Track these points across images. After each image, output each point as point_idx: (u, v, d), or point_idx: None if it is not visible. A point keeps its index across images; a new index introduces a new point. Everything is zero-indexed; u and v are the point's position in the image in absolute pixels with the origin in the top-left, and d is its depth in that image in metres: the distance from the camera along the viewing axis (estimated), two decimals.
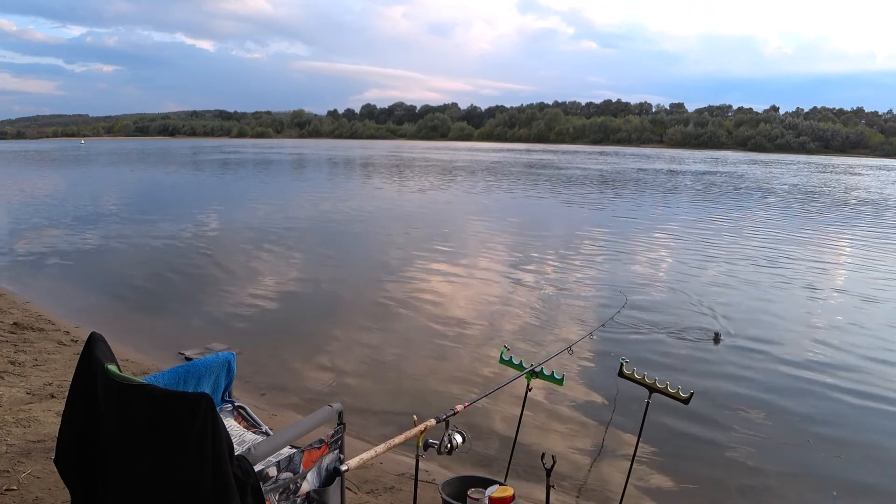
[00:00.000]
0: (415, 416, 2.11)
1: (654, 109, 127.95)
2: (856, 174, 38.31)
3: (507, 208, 15.93)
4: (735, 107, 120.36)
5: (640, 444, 2.84)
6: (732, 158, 61.06)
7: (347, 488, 2.60)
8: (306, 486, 1.77)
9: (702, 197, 20.02)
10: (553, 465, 2.16)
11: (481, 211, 15.13)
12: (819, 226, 13.77)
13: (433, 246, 10.08)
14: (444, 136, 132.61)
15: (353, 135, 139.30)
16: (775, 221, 14.03)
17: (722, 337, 5.54)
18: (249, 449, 1.57)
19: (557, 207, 16.32)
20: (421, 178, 26.05)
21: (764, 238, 11.38)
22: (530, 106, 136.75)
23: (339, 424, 1.92)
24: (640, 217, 14.50)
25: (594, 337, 4.62)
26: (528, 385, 2.84)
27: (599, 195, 19.84)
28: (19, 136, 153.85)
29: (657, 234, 11.72)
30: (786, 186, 25.32)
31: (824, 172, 38.58)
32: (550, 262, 8.90)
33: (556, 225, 12.95)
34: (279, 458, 1.70)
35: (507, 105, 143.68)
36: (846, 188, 25.53)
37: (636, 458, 2.85)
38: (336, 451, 1.89)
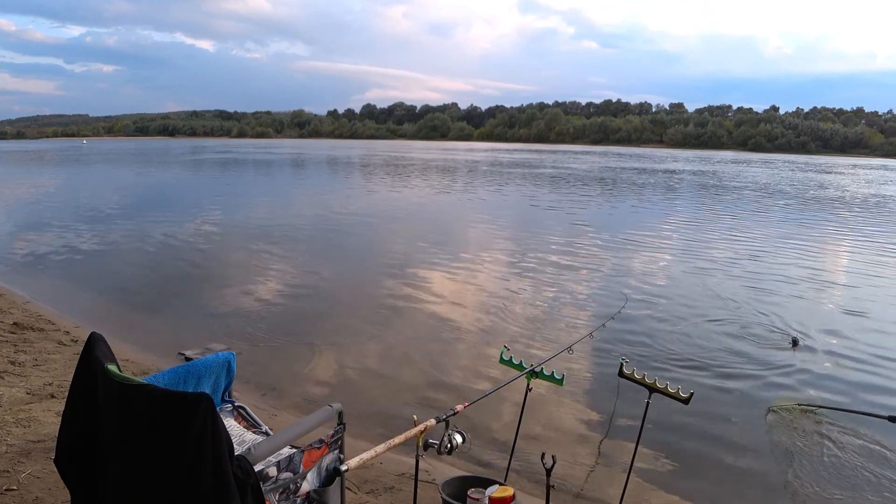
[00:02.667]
0: (415, 416, 2.11)
1: (654, 109, 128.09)
2: (832, 172, 38.85)
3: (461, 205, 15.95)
4: (735, 107, 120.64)
5: (640, 444, 2.84)
6: (718, 158, 61.63)
7: (347, 488, 2.60)
8: (306, 486, 1.78)
9: (678, 195, 20.06)
10: (553, 465, 2.16)
11: (470, 209, 15.14)
12: (774, 221, 14.02)
13: (431, 246, 10.08)
14: (444, 136, 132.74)
15: (353, 135, 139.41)
16: (739, 218, 14.12)
17: (799, 342, 5.44)
18: (249, 449, 1.57)
19: (531, 205, 16.33)
20: (412, 178, 26.08)
21: (738, 237, 11.41)
22: (530, 106, 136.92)
23: (339, 424, 1.92)
24: (626, 216, 14.52)
25: (594, 337, 4.61)
26: (528, 385, 2.84)
27: (559, 193, 19.85)
28: (19, 136, 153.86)
29: (650, 234, 11.72)
30: (753, 184, 25.90)
31: (804, 171, 39.01)
32: (550, 263, 8.89)
33: (554, 225, 12.95)
34: (279, 458, 1.70)
35: (508, 105, 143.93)
36: (812, 186, 25.93)
37: (636, 457, 2.85)
38: (336, 451, 1.89)
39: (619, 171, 34.43)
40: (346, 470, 1.83)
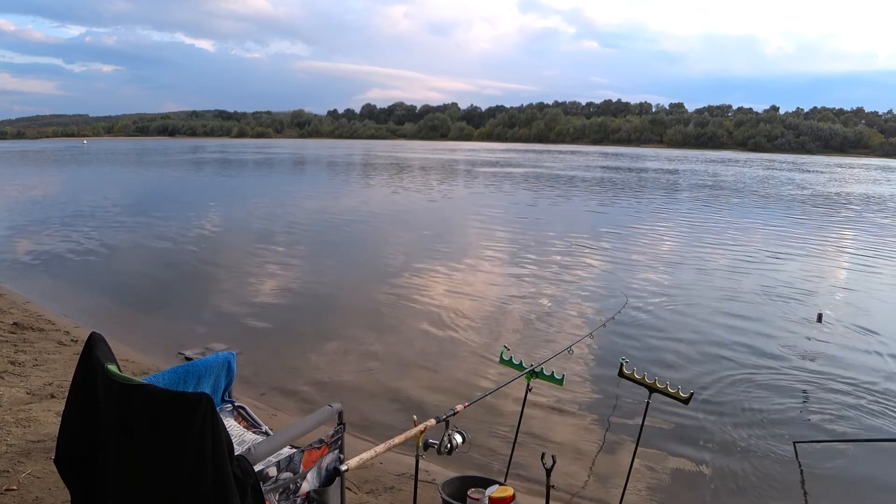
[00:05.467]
0: (415, 416, 2.11)
1: (654, 109, 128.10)
2: (810, 171, 39.54)
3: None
4: (735, 107, 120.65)
5: (639, 444, 2.84)
6: (703, 157, 62.98)
7: (347, 488, 2.60)
8: (306, 486, 1.78)
9: (662, 195, 20.11)
10: (553, 465, 2.16)
11: (468, 209, 15.15)
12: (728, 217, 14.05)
13: (431, 246, 10.09)
14: (444, 137, 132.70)
15: (353, 135, 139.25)
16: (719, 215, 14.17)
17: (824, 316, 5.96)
18: (249, 449, 1.57)
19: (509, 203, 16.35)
20: (406, 178, 26.11)
21: (724, 236, 11.43)
22: (530, 106, 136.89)
23: (339, 424, 1.92)
24: (627, 215, 14.53)
25: (594, 337, 4.61)
26: (528, 385, 2.84)
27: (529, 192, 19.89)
28: (19, 136, 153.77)
29: (649, 234, 11.72)
30: (719, 182, 26.81)
31: (779, 170, 39.68)
32: (550, 263, 8.89)
33: (553, 225, 12.95)
34: (279, 458, 1.70)
35: (510, 105, 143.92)
36: (773, 185, 26.45)
37: (636, 457, 2.85)
38: (336, 451, 1.89)
39: (594, 169, 35.22)
40: (346, 470, 1.83)
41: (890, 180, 33.08)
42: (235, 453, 1.41)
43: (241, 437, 2.01)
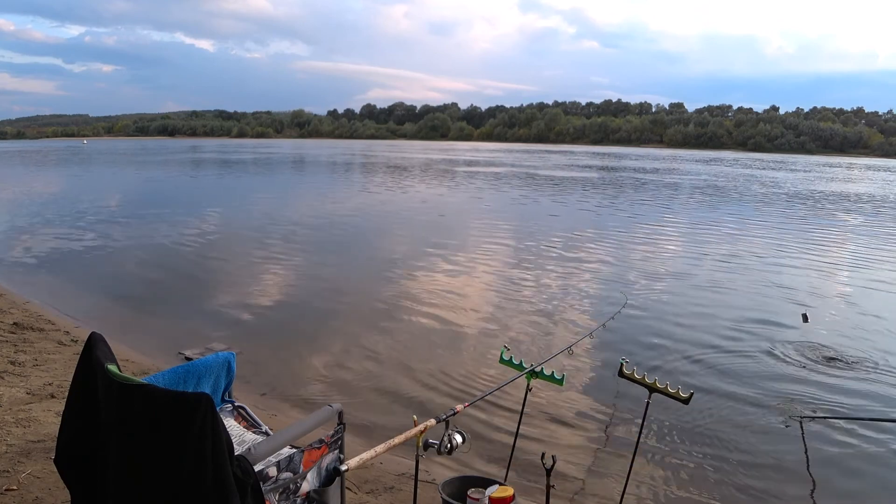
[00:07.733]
0: (415, 416, 2.11)
1: (654, 109, 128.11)
2: (793, 171, 40.00)
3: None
4: (735, 107, 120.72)
5: (639, 444, 2.84)
6: (693, 157, 63.55)
7: (347, 488, 2.60)
8: (306, 486, 1.78)
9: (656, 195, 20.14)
10: (553, 465, 2.16)
11: (468, 208, 15.16)
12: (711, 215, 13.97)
13: (431, 247, 10.08)
14: (444, 137, 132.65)
15: (353, 135, 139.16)
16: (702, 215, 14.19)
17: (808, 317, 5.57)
18: (249, 449, 1.57)
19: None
20: (405, 178, 26.13)
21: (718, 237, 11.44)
22: (530, 106, 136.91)
23: (339, 424, 1.92)
24: (627, 215, 14.54)
25: (594, 337, 4.61)
26: (528, 385, 2.84)
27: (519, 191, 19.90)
28: (19, 136, 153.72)
29: (649, 234, 11.73)
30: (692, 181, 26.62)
31: (761, 169, 40.10)
32: (551, 263, 8.89)
33: (554, 224, 12.95)
34: (279, 458, 1.70)
35: (510, 105, 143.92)
36: (744, 183, 26.78)
37: (636, 457, 2.85)
38: (336, 451, 1.89)
39: (573, 168, 35.61)
40: (346, 470, 1.83)
41: (865, 179, 33.46)
42: (235, 453, 1.41)
43: (241, 437, 2.01)
